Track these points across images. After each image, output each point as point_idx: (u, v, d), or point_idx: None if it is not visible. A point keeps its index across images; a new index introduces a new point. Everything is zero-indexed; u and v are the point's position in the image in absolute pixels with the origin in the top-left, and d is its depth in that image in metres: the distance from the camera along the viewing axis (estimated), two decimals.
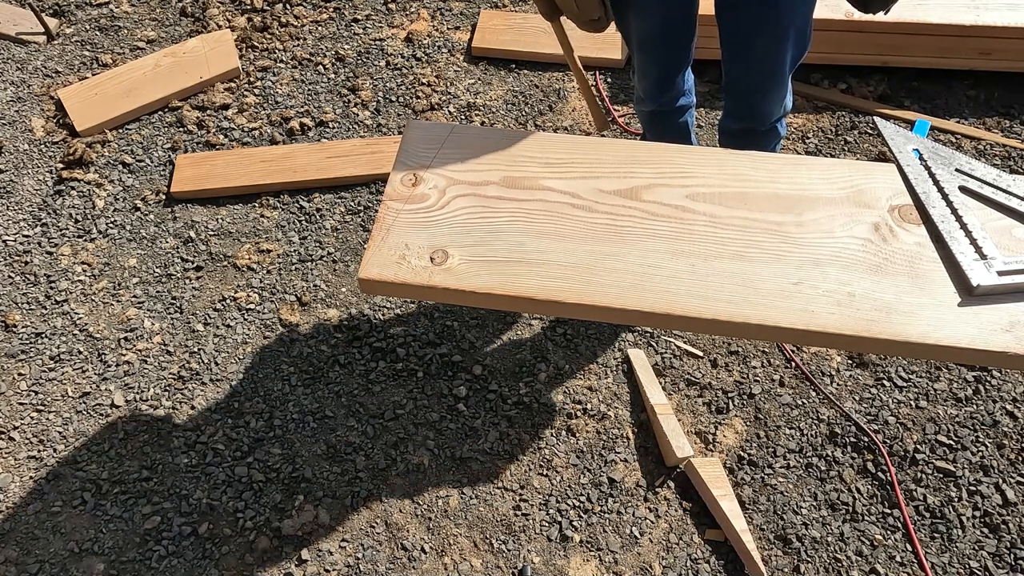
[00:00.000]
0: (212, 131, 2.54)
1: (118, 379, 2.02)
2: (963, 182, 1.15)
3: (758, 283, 1.04)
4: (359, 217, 2.32)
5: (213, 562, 1.73)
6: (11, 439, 1.93)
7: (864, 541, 1.73)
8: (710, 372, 1.99)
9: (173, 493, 1.83)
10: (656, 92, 1.78)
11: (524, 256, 1.08)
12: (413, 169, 1.19)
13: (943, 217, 1.10)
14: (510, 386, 1.98)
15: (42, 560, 1.74)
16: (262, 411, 1.95)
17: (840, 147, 2.41)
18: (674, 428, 1.85)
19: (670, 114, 1.86)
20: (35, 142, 2.54)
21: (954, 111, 2.47)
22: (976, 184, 1.15)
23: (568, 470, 1.85)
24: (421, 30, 2.81)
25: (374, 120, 2.56)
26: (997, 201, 1.12)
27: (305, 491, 1.82)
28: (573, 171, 1.18)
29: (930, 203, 1.12)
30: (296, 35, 2.82)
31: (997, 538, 1.72)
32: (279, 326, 2.11)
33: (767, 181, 1.16)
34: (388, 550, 1.74)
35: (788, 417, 1.91)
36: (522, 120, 2.53)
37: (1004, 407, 1.89)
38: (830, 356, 2.00)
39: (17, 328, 2.12)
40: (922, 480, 1.80)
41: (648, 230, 1.10)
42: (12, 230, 2.32)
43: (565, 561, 1.73)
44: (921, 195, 1.13)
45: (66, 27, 2.88)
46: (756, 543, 1.72)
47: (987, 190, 1.14)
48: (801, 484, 1.81)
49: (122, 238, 2.30)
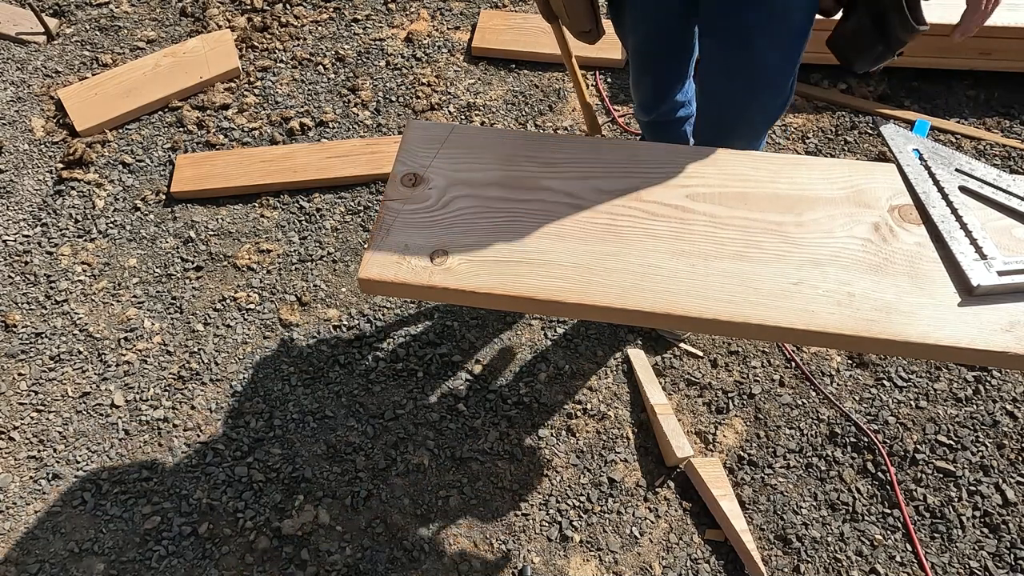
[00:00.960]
0: (212, 131, 2.54)
1: (118, 379, 2.02)
2: (963, 182, 1.15)
3: (758, 283, 1.04)
4: (359, 217, 2.32)
5: (213, 562, 1.73)
6: (11, 439, 1.93)
7: (864, 541, 1.73)
8: (710, 372, 1.99)
9: (173, 493, 1.83)
10: (651, 104, 1.75)
11: (524, 256, 1.08)
12: (413, 169, 1.19)
13: (943, 217, 1.10)
14: (510, 386, 1.97)
15: (42, 560, 1.74)
16: (262, 411, 1.95)
17: (840, 147, 2.41)
18: (674, 428, 1.85)
19: (669, 124, 1.82)
20: (35, 142, 2.54)
21: (954, 111, 2.47)
22: (976, 184, 1.15)
23: (568, 470, 1.85)
24: (421, 30, 2.81)
25: (374, 120, 2.56)
26: (997, 201, 1.12)
27: (305, 491, 1.82)
28: (573, 171, 1.18)
29: (930, 203, 1.12)
30: (296, 35, 2.82)
31: (997, 538, 1.72)
32: (279, 326, 2.11)
33: (767, 181, 1.16)
34: (388, 550, 1.74)
35: (788, 417, 1.91)
36: (522, 120, 2.53)
37: (1004, 407, 1.89)
38: (830, 356, 2.00)
39: (17, 328, 2.12)
40: (922, 480, 1.80)
41: (648, 230, 1.10)
42: (12, 230, 2.32)
43: (565, 561, 1.73)
44: (921, 195, 1.13)
45: (66, 27, 2.88)
46: (756, 543, 1.72)
47: (987, 190, 1.14)
48: (801, 484, 1.81)
49: (122, 238, 2.30)
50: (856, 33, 1.29)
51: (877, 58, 1.30)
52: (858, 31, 1.28)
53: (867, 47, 1.29)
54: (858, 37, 1.29)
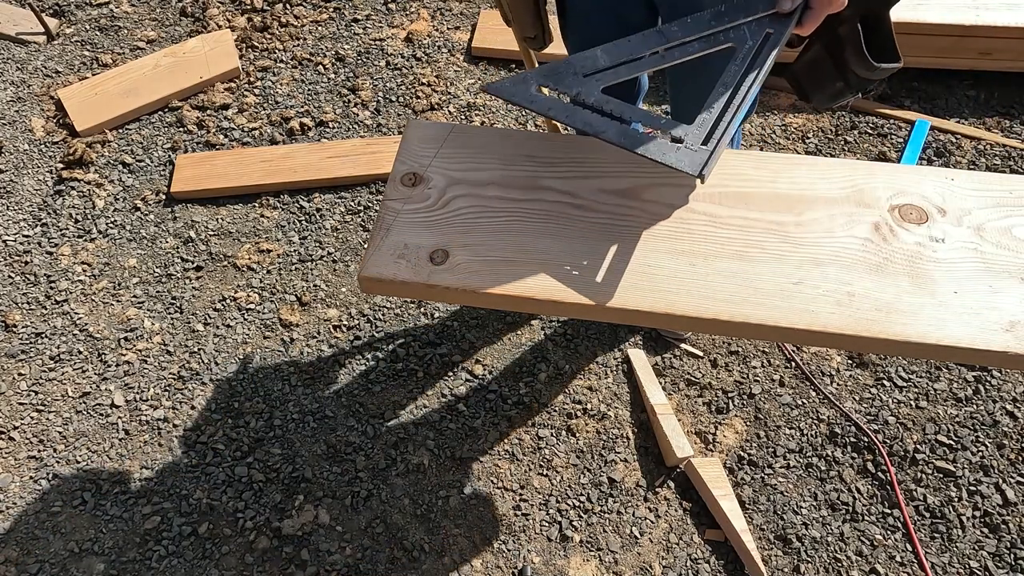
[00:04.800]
0: (212, 131, 2.54)
1: (118, 379, 2.02)
2: (599, 81, 1.09)
3: (758, 283, 1.04)
4: (359, 217, 2.32)
5: (213, 562, 1.73)
6: (11, 439, 1.93)
7: (864, 541, 1.73)
8: (710, 372, 1.99)
9: (173, 493, 1.83)
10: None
11: (524, 256, 1.08)
12: (413, 169, 1.19)
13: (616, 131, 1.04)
14: (510, 386, 1.97)
15: (42, 560, 1.74)
16: (262, 411, 1.95)
17: (840, 147, 2.41)
18: (674, 428, 1.85)
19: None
20: (35, 142, 2.54)
21: (954, 111, 2.47)
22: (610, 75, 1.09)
23: (568, 470, 1.85)
24: (421, 30, 2.81)
25: (374, 120, 2.56)
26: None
27: (305, 491, 1.82)
28: (573, 171, 1.18)
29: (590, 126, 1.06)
30: (296, 35, 2.82)
31: (997, 538, 1.72)
32: (279, 326, 2.11)
33: (767, 181, 1.16)
34: (388, 550, 1.74)
35: (788, 417, 1.91)
36: (522, 120, 2.53)
37: (1004, 407, 1.89)
38: (830, 356, 2.00)
39: (17, 328, 2.12)
40: (922, 480, 1.80)
41: (648, 230, 1.10)
42: (12, 230, 2.32)
43: (565, 561, 1.73)
44: (575, 125, 1.07)
45: (66, 27, 2.88)
46: (756, 543, 1.72)
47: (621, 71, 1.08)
48: (801, 484, 1.81)
49: (122, 238, 2.30)
50: (813, 65, 1.17)
51: (835, 95, 1.17)
52: (816, 63, 1.17)
53: (824, 82, 1.17)
54: (815, 69, 1.17)
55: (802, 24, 1.05)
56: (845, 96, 1.18)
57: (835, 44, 1.13)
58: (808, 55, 1.19)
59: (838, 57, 1.13)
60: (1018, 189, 1.13)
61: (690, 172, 1.00)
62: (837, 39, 1.12)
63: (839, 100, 1.20)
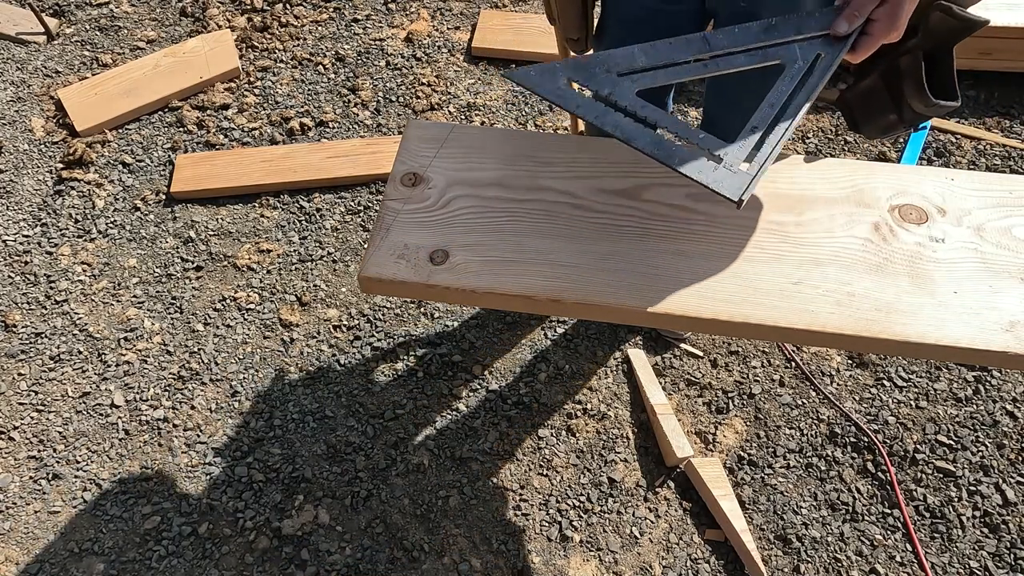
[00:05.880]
0: (212, 131, 2.54)
1: (118, 379, 2.02)
2: (635, 84, 1.02)
3: (758, 283, 1.04)
4: (359, 217, 2.32)
5: (213, 562, 1.73)
6: (11, 439, 1.93)
7: (864, 541, 1.73)
8: (710, 372, 1.99)
9: (173, 493, 1.83)
10: None
11: (524, 256, 1.08)
12: (413, 169, 1.19)
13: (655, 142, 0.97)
14: (510, 386, 1.97)
15: (42, 560, 1.74)
16: (262, 411, 1.95)
17: (840, 147, 2.41)
18: (674, 428, 1.84)
19: None
20: (35, 142, 2.54)
21: (954, 111, 2.47)
22: (648, 77, 1.03)
23: (568, 470, 1.85)
24: (421, 30, 2.81)
25: (374, 120, 2.56)
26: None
27: (305, 491, 1.82)
28: (573, 171, 1.18)
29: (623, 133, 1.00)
30: (296, 35, 2.82)
31: (997, 538, 1.72)
32: (279, 326, 2.11)
33: (767, 181, 1.16)
34: (388, 550, 1.74)
35: (788, 417, 1.91)
36: (522, 120, 2.53)
37: (1004, 407, 1.89)
38: (830, 356, 2.00)
39: (17, 328, 2.12)
40: (922, 480, 1.80)
41: (648, 230, 1.10)
42: (12, 230, 2.32)
43: (565, 561, 1.73)
44: (613, 130, 1.01)
45: (66, 27, 2.88)
46: (756, 543, 1.72)
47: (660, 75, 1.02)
48: (801, 484, 1.81)
49: (122, 238, 2.30)
50: (868, 94, 1.12)
51: (887, 128, 1.12)
52: (871, 92, 1.11)
53: (877, 113, 1.11)
54: (870, 99, 1.12)
55: (855, 50, 1.00)
56: (897, 130, 1.12)
57: (893, 75, 1.07)
58: (864, 83, 1.13)
59: (895, 89, 1.07)
60: (1018, 189, 1.13)
61: (730, 197, 0.94)
62: (896, 70, 1.06)
63: (890, 133, 1.15)
